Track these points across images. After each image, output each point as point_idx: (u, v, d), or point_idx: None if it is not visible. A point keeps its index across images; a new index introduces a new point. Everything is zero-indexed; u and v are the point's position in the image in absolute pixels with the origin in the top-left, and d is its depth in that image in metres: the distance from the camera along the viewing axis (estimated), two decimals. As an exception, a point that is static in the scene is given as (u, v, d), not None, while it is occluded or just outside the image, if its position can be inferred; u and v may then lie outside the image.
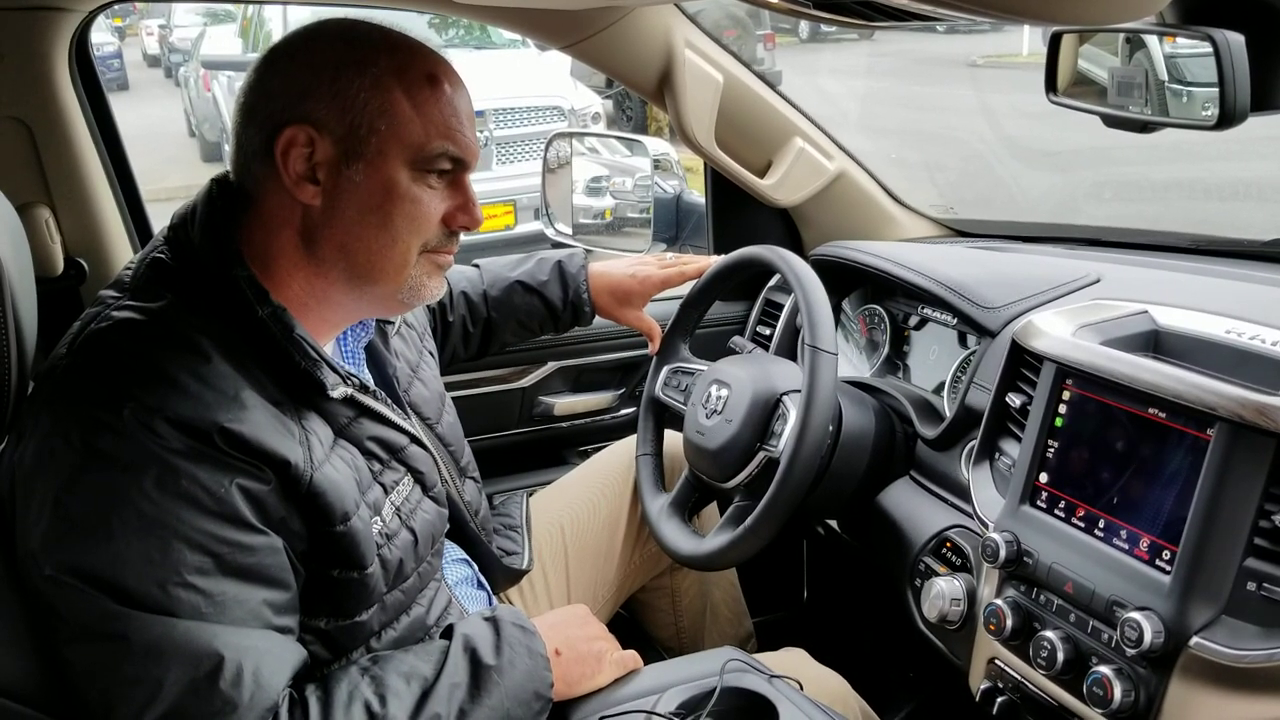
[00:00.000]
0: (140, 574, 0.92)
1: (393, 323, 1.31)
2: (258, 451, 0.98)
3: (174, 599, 0.92)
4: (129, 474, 0.93)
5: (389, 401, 1.19)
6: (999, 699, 1.25)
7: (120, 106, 1.91)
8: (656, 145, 2.11)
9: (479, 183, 1.15)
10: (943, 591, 1.32)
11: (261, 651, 0.96)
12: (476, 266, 1.74)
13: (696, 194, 2.09)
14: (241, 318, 1.03)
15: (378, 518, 1.12)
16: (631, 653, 1.26)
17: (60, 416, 0.96)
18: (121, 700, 0.92)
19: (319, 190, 1.05)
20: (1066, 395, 1.21)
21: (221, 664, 0.93)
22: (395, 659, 1.08)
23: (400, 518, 1.16)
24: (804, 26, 16.17)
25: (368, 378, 1.24)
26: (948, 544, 1.40)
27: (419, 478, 1.20)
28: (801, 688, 1.22)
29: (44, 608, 0.95)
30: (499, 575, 1.45)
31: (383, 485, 1.14)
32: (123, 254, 1.86)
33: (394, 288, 1.10)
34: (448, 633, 1.14)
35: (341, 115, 1.03)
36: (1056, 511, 1.19)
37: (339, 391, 1.08)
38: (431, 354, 1.43)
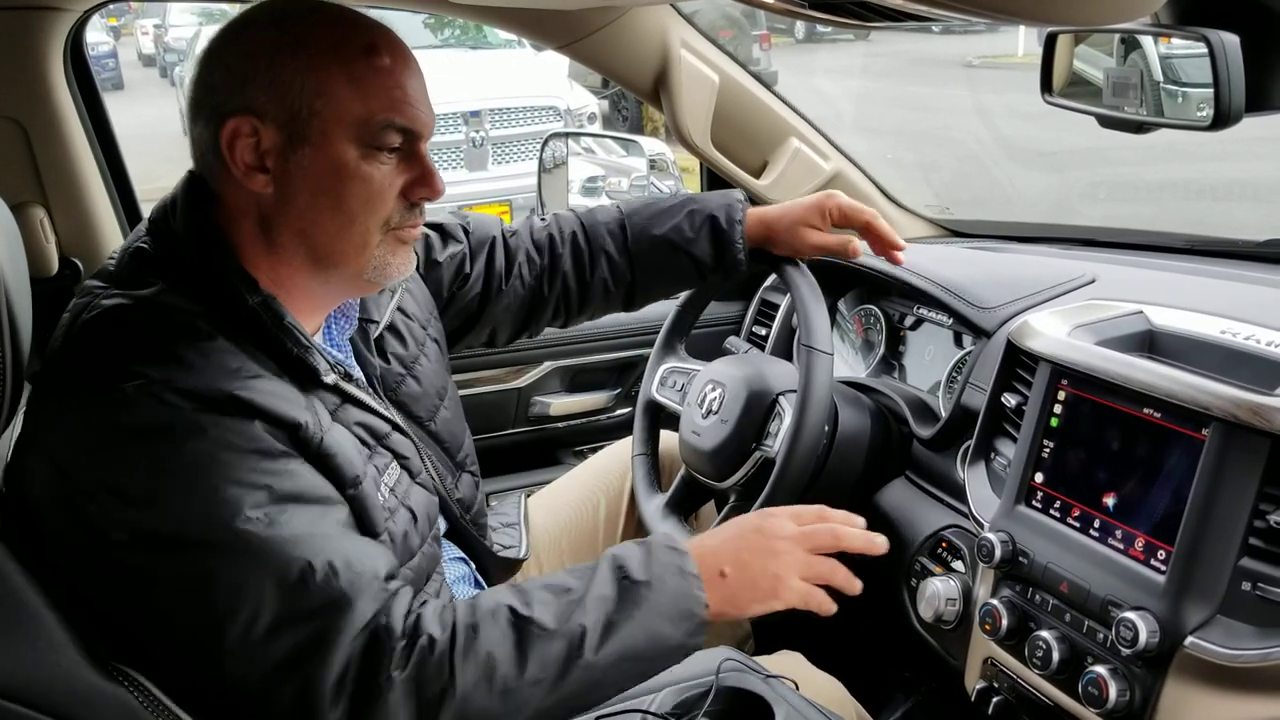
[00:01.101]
0: (205, 522, 0.94)
1: (376, 322, 1.29)
2: (270, 415, 0.99)
3: (244, 533, 0.94)
4: (158, 439, 0.94)
5: (370, 390, 1.19)
6: (994, 699, 1.26)
7: (115, 106, 1.91)
8: (652, 145, 2.11)
9: (476, 183, 1.14)
10: (938, 591, 1.32)
11: (346, 546, 0.98)
12: (618, 208, 1.58)
13: (692, 194, 2.09)
14: (232, 306, 1.04)
15: (378, 491, 1.12)
16: (817, 592, 1.11)
17: (74, 407, 0.97)
18: (227, 625, 0.93)
19: (270, 179, 1.04)
20: (1062, 395, 1.21)
21: (310, 566, 0.95)
22: (538, 578, 1.09)
23: (396, 496, 1.16)
24: (800, 27, 16.18)
25: (355, 368, 1.24)
26: (943, 544, 1.40)
27: (404, 463, 1.20)
28: (797, 688, 1.22)
29: (125, 581, 0.96)
30: (494, 570, 1.44)
31: (375, 467, 1.15)
32: (118, 254, 1.86)
33: (357, 269, 1.09)
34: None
35: (281, 100, 1.02)
36: (1052, 511, 1.19)
37: (330, 377, 1.09)
38: (436, 341, 1.40)
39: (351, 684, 0.94)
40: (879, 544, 1.15)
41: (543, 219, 1.59)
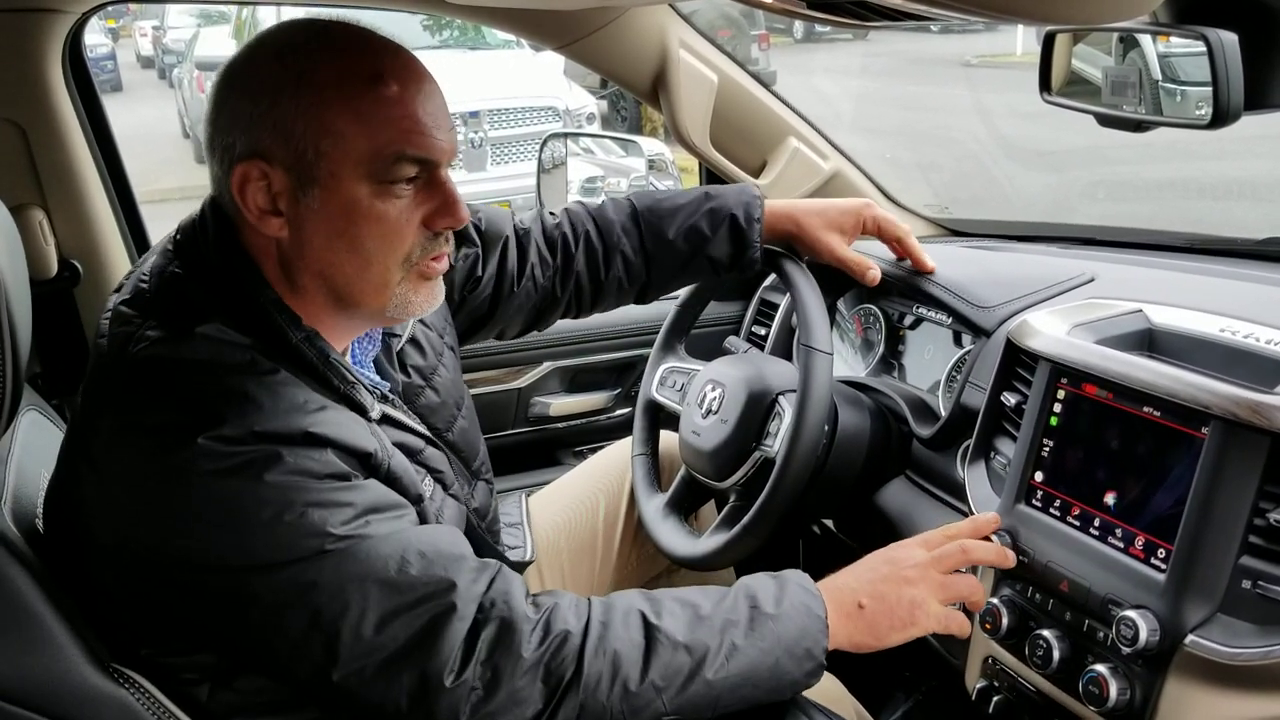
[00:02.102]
0: (295, 543, 0.95)
1: (398, 335, 1.28)
2: (341, 445, 1.00)
3: (335, 546, 0.96)
4: (241, 475, 0.94)
5: (405, 408, 1.19)
6: (995, 698, 1.26)
7: (114, 108, 1.91)
8: (651, 145, 2.11)
9: (474, 184, 1.13)
10: (939, 591, 1.31)
11: (428, 535, 1.02)
12: (630, 203, 1.54)
13: (691, 194, 2.09)
14: (277, 339, 1.03)
15: (429, 505, 1.13)
16: (956, 614, 1.16)
17: (150, 450, 0.96)
18: (338, 632, 0.95)
19: (284, 222, 1.02)
20: (1061, 394, 1.21)
21: (403, 559, 0.97)
22: (670, 590, 1.10)
23: (434, 517, 1.16)
24: (798, 27, 16.19)
25: (385, 385, 1.24)
26: (943, 543, 1.39)
27: (439, 478, 1.21)
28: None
29: (219, 605, 0.97)
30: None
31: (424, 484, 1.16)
32: (117, 256, 1.86)
33: (378, 308, 1.08)
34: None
35: (286, 143, 0.99)
36: (1052, 510, 1.19)
37: (377, 412, 1.09)
38: (451, 349, 1.39)
39: (481, 663, 0.97)
40: (1009, 558, 1.19)
41: (553, 214, 1.57)
